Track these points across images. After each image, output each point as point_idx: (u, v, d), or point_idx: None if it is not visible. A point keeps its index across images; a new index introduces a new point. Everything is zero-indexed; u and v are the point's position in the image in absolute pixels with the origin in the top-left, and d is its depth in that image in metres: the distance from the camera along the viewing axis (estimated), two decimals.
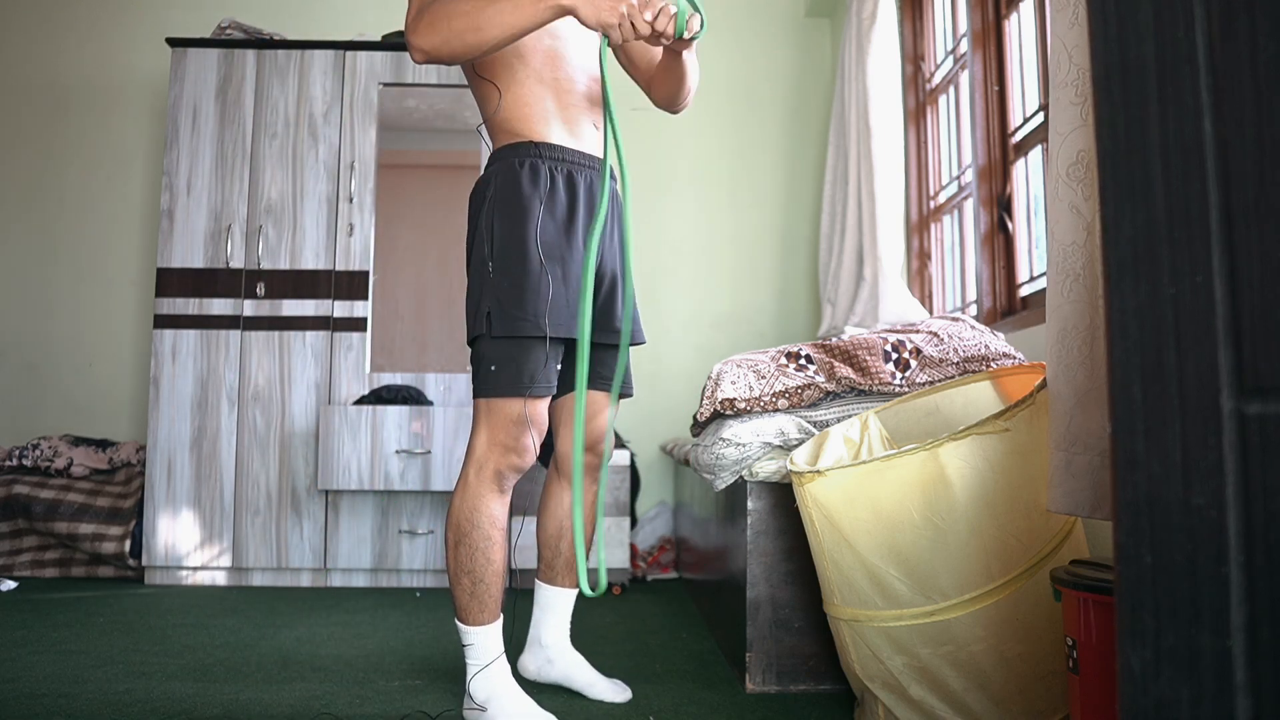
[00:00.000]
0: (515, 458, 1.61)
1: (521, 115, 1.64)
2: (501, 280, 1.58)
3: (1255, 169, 0.47)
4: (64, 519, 3.14)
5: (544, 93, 1.65)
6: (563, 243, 1.62)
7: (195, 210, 3.28)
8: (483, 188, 1.66)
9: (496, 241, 1.60)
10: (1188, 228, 0.49)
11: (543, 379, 1.60)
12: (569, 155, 1.65)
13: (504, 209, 1.60)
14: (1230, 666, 0.46)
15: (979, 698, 1.41)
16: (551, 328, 1.57)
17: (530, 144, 1.63)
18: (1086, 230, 1.24)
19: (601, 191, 1.54)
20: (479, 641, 1.63)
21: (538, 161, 1.62)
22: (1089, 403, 1.23)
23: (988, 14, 2.72)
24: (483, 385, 1.61)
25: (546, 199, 1.61)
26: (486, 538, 1.61)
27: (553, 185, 1.62)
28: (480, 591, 1.61)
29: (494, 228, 1.61)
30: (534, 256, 1.58)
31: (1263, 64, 0.47)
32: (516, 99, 1.64)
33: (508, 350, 1.58)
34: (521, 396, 1.58)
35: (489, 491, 1.61)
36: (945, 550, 1.38)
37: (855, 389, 1.96)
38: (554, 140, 1.64)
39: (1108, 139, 0.53)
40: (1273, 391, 0.46)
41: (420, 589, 3.12)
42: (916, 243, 3.33)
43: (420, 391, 3.20)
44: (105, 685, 1.85)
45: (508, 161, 1.63)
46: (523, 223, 1.59)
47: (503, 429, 1.60)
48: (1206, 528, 0.47)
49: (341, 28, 3.82)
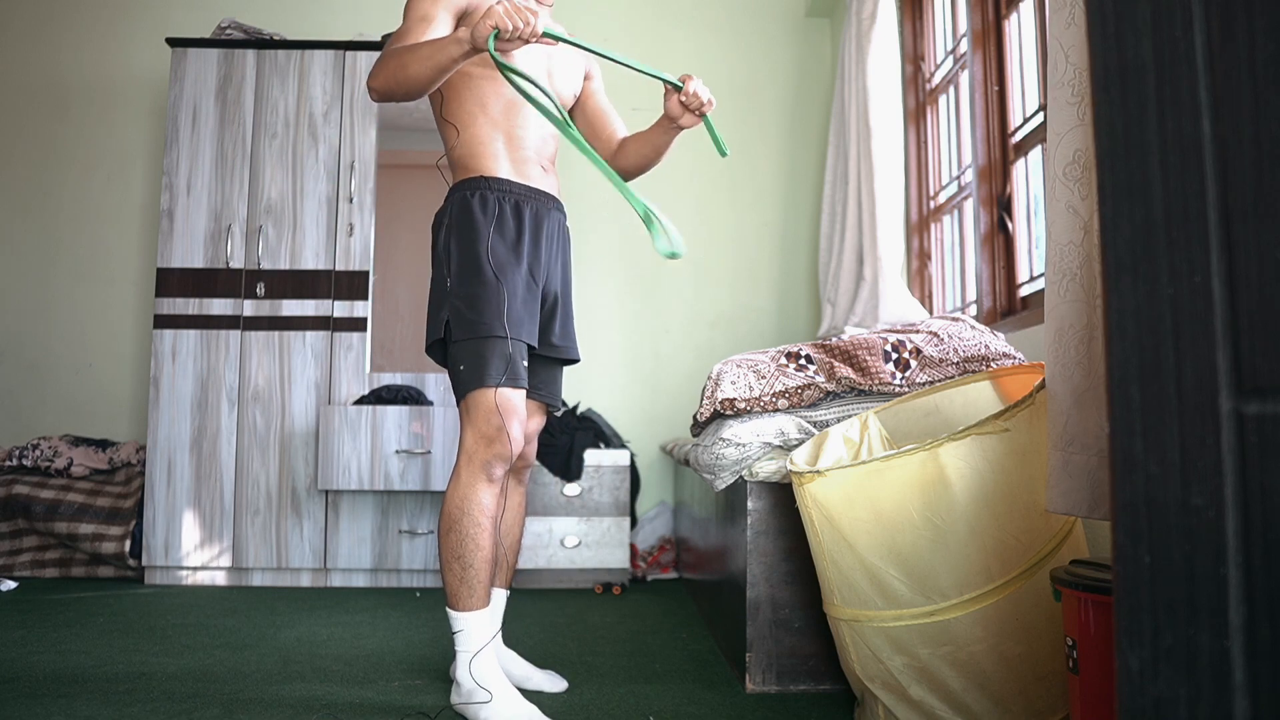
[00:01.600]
0: (499, 446, 1.70)
1: (475, 153, 1.81)
2: (460, 290, 1.73)
3: (1254, 169, 0.47)
4: (64, 519, 3.14)
5: (497, 135, 1.82)
6: (511, 260, 1.77)
7: (195, 210, 3.28)
8: (441, 217, 1.83)
9: (454, 261, 1.76)
10: (1186, 227, 0.49)
11: (511, 371, 1.71)
12: (515, 189, 1.81)
13: (459, 232, 1.77)
14: (1228, 667, 0.46)
15: (979, 698, 1.41)
16: (503, 329, 1.71)
17: (481, 178, 1.80)
18: (1083, 229, 1.24)
19: (547, 219, 1.83)
20: (468, 627, 1.68)
21: (487, 193, 1.79)
22: (1086, 403, 1.22)
23: (988, 14, 2.72)
24: (457, 385, 1.74)
25: (496, 222, 1.77)
26: (476, 524, 1.69)
27: (500, 212, 1.78)
28: (470, 577, 1.68)
29: (450, 249, 1.77)
30: (488, 270, 1.73)
31: (1261, 64, 0.47)
32: (473, 138, 1.82)
33: (471, 348, 1.71)
34: (490, 387, 1.69)
35: (478, 481, 1.70)
36: (945, 550, 1.38)
37: (855, 389, 1.96)
38: (501, 175, 1.81)
39: (1107, 139, 0.53)
40: (1271, 391, 0.46)
41: (420, 589, 3.12)
42: (916, 243, 3.33)
43: (420, 391, 3.20)
44: (105, 685, 1.85)
45: (461, 194, 1.80)
46: (475, 242, 1.75)
47: (482, 420, 1.70)
48: (1205, 528, 0.47)
49: (341, 28, 3.82)
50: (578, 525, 3.19)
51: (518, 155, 1.84)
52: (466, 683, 1.65)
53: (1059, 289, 1.28)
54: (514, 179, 1.82)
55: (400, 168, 3.43)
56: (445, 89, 1.82)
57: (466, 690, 1.65)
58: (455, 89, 1.81)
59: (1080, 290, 1.24)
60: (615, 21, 4.01)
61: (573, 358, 1.96)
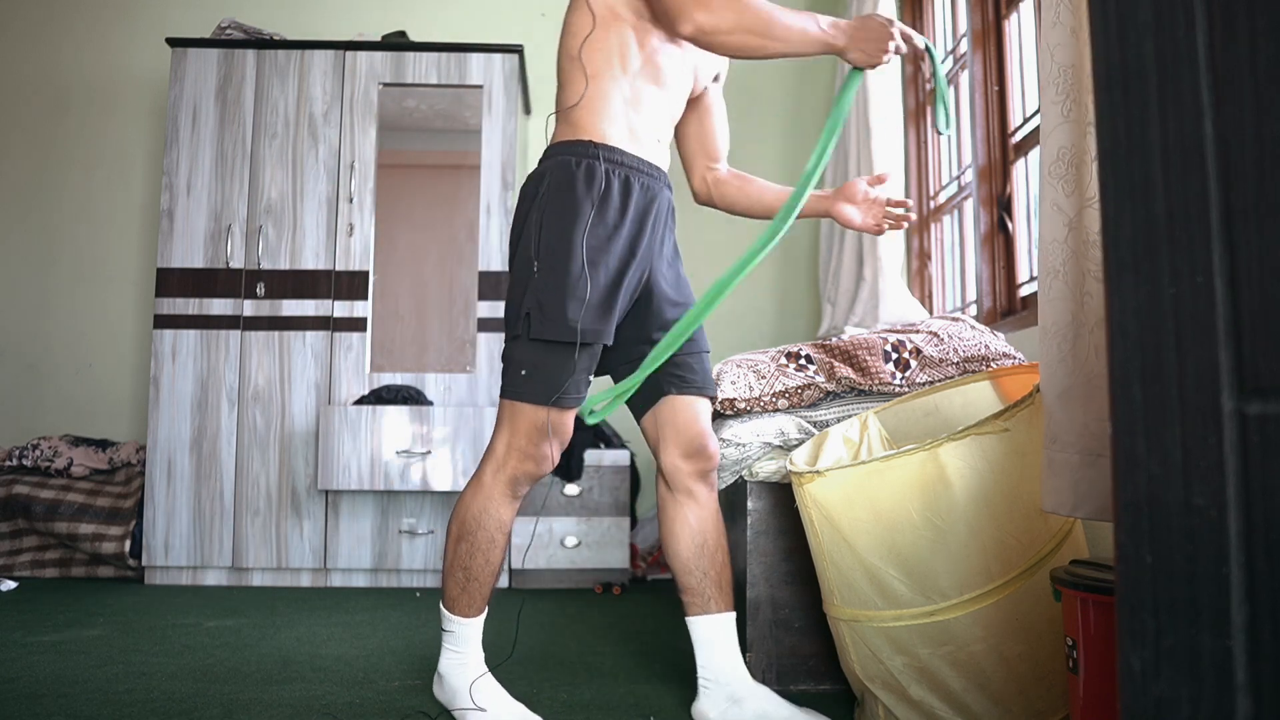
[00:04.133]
0: (533, 465, 1.58)
1: (595, 110, 1.59)
2: (546, 280, 1.54)
3: (1255, 169, 0.47)
4: (64, 519, 3.14)
5: (623, 94, 1.60)
6: (607, 247, 1.57)
7: (195, 210, 3.28)
8: (534, 184, 1.61)
9: (542, 242, 1.55)
10: (1188, 228, 0.49)
11: (572, 388, 1.55)
12: (628, 160, 1.60)
13: (554, 207, 1.56)
14: (1231, 667, 0.46)
15: (979, 698, 1.41)
16: (584, 334, 1.53)
17: (591, 144, 1.58)
18: (1067, 226, 1.23)
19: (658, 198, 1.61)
20: (459, 630, 1.64)
21: (595, 163, 1.57)
22: (1068, 400, 1.22)
23: (988, 14, 2.72)
24: (510, 387, 1.57)
25: (600, 202, 1.56)
26: (490, 540, 1.59)
27: (607, 188, 1.57)
28: (473, 588, 1.61)
29: (542, 225, 1.56)
30: (578, 259, 1.53)
31: (1263, 64, 0.47)
32: (598, 92, 1.58)
33: (541, 355, 1.54)
34: (548, 405, 1.54)
35: (501, 494, 1.59)
36: (945, 550, 1.38)
37: (855, 389, 1.96)
38: (615, 143, 1.59)
39: (1108, 139, 0.53)
40: (1273, 391, 0.46)
41: (420, 589, 3.12)
42: (916, 243, 3.33)
43: (420, 391, 3.20)
44: (105, 685, 1.85)
45: (565, 159, 1.58)
46: (574, 221, 1.54)
47: (524, 434, 1.57)
48: (1207, 528, 0.47)
49: (341, 28, 3.82)
50: (578, 525, 3.19)
51: (639, 121, 1.61)
52: (450, 678, 1.62)
53: (1046, 287, 1.28)
54: (628, 149, 1.60)
55: (400, 168, 3.43)
56: (599, 25, 1.57)
57: (450, 689, 1.62)
58: (606, 27, 1.57)
59: (1064, 287, 1.24)
60: None
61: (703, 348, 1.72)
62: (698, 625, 1.66)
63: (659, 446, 1.70)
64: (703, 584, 1.66)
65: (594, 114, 1.59)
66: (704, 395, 1.70)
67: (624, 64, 1.59)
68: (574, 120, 1.60)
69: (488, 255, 3.28)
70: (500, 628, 2.41)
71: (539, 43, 3.90)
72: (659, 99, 1.64)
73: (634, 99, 1.61)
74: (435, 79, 3.35)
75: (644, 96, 1.62)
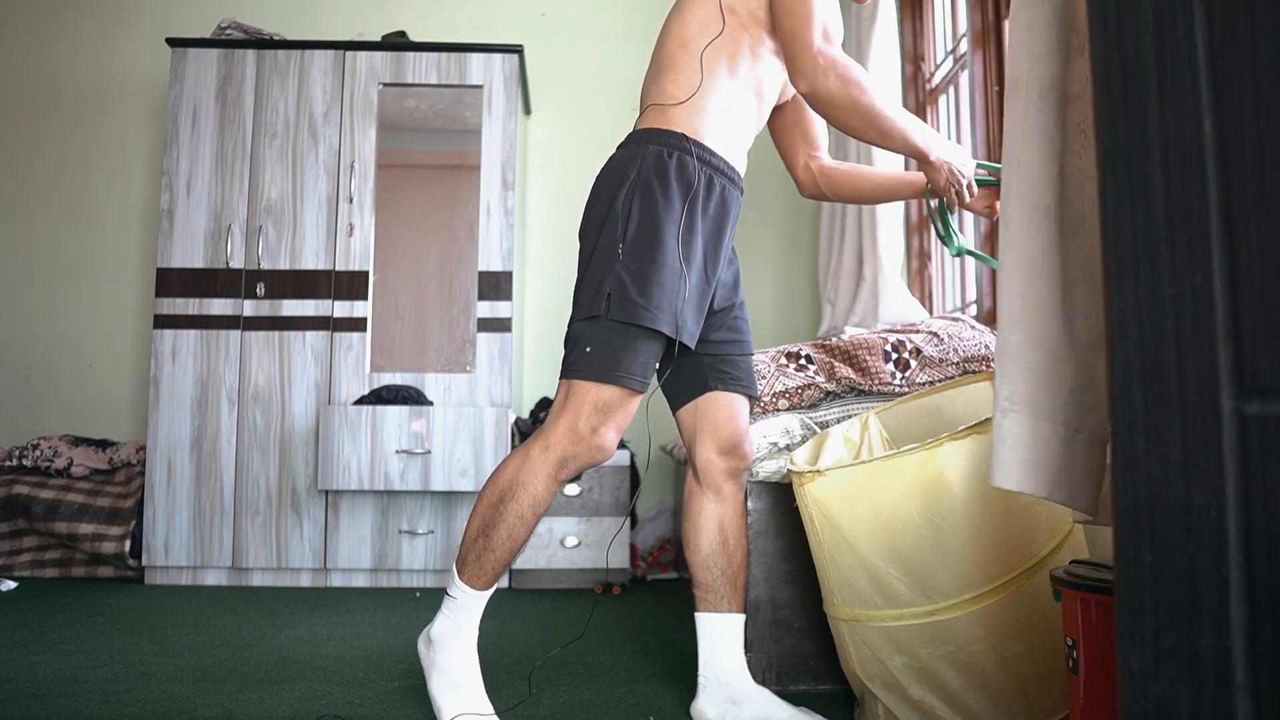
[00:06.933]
0: (585, 449, 1.53)
1: (699, 108, 1.58)
2: (630, 263, 1.50)
3: (1255, 169, 0.47)
4: (64, 519, 3.14)
5: (725, 101, 1.61)
6: (694, 241, 1.56)
7: (195, 210, 3.28)
8: (622, 168, 1.58)
9: (633, 224, 1.52)
10: (1188, 228, 0.49)
11: (637, 370, 1.51)
12: (716, 162, 1.60)
13: (647, 194, 1.53)
14: (1230, 667, 0.46)
15: (979, 698, 1.41)
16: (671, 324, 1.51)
17: (684, 137, 1.56)
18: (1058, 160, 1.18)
19: (734, 204, 1.64)
20: (461, 599, 1.57)
21: (687, 156, 1.55)
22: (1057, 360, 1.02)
23: (988, 14, 2.72)
24: (573, 366, 1.53)
25: (691, 197, 1.55)
26: (520, 516, 1.54)
27: (696, 186, 1.56)
28: (487, 560, 1.55)
29: (632, 209, 1.53)
30: (671, 248, 1.51)
31: (1263, 64, 0.47)
32: (708, 90, 1.59)
33: (612, 335, 1.50)
34: (612, 384, 1.50)
35: (545, 473, 1.54)
36: (945, 550, 1.38)
37: (855, 389, 1.96)
38: (709, 143, 1.59)
39: (1108, 139, 0.53)
40: (1273, 391, 0.46)
41: (420, 589, 3.12)
42: (916, 243, 3.33)
43: (420, 391, 3.20)
44: (105, 685, 1.85)
45: (658, 148, 1.56)
46: (665, 212, 1.53)
47: (584, 416, 1.52)
48: (1207, 528, 0.47)
49: (341, 28, 3.82)
50: (578, 525, 3.19)
51: (732, 126, 1.62)
52: (439, 645, 1.57)
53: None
54: (718, 151, 1.60)
55: (400, 168, 3.43)
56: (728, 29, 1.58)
57: (434, 663, 1.57)
58: (733, 33, 1.58)
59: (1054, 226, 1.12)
60: (615, 16, 4.01)
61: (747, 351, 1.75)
62: (706, 622, 1.66)
63: (695, 440, 1.70)
64: (718, 581, 1.66)
65: (693, 111, 1.58)
66: (747, 394, 1.71)
67: (733, 70, 1.60)
68: (677, 115, 1.58)
69: (488, 255, 3.29)
70: (500, 627, 2.41)
71: (539, 43, 3.91)
72: (753, 108, 1.66)
73: (732, 105, 1.61)
74: (435, 79, 3.35)
75: (742, 103, 1.63)
